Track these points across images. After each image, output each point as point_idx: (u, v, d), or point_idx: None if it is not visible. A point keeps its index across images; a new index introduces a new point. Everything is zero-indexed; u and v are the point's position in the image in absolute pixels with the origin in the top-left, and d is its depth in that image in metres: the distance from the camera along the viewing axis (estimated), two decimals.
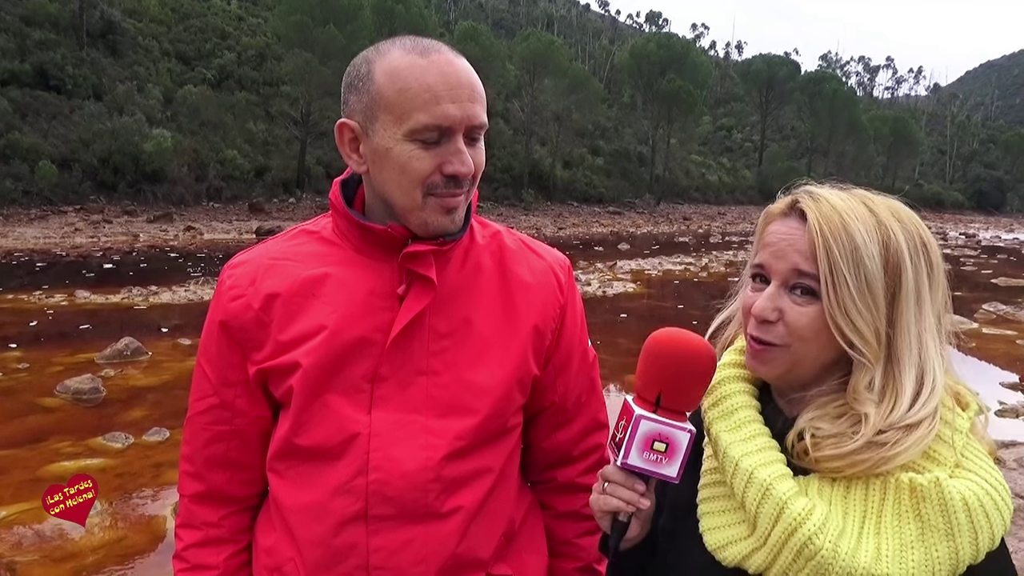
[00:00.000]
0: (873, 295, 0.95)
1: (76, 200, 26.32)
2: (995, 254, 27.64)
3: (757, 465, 0.96)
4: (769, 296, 1.00)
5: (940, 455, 0.93)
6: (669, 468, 1.01)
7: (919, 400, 0.93)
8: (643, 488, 1.05)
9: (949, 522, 0.88)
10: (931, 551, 0.88)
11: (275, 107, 38.65)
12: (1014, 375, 8.44)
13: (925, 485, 0.89)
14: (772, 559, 0.93)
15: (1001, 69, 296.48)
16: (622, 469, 1.03)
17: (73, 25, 34.81)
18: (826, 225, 0.97)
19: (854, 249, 0.95)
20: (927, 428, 0.92)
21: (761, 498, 0.94)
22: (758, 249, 1.06)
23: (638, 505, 1.04)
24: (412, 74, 1.10)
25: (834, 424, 0.95)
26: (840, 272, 0.95)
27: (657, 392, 1.01)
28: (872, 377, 0.96)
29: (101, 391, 6.64)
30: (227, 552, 1.30)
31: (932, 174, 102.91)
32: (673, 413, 1.01)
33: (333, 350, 1.17)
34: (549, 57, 47.94)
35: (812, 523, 0.90)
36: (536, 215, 39.00)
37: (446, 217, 1.16)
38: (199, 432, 1.28)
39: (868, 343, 0.95)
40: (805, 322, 0.98)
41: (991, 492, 0.90)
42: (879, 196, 1.02)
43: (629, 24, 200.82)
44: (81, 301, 11.07)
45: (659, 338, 1.04)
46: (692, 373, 1.02)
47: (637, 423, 1.00)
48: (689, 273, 18.01)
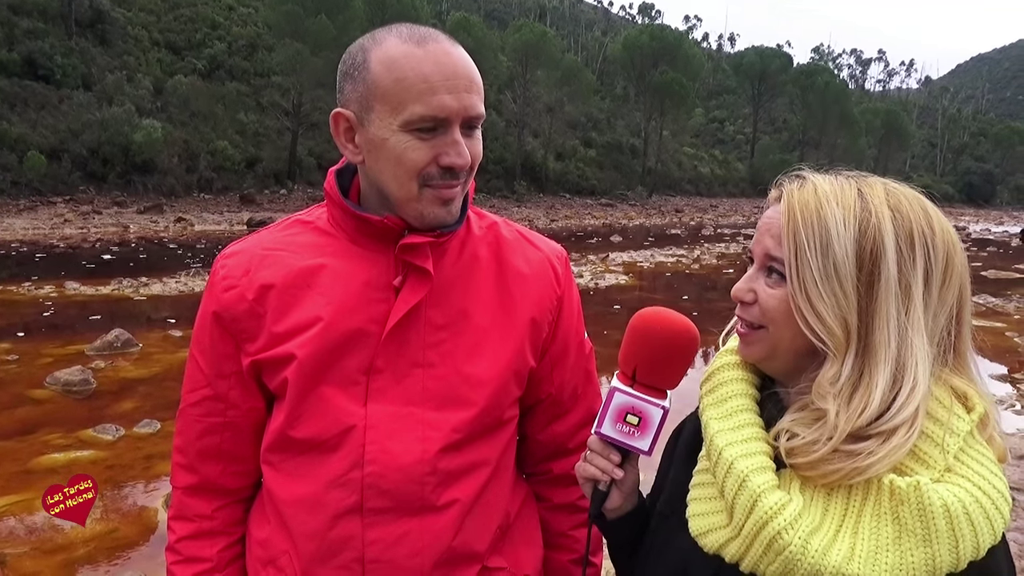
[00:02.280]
0: (840, 282, 0.92)
1: (65, 191, 26.15)
2: (985, 247, 27.77)
3: (739, 455, 0.95)
4: (747, 278, 1.02)
5: (928, 457, 0.89)
6: (640, 441, 1.05)
7: (896, 403, 0.89)
8: (618, 459, 1.08)
9: (927, 527, 0.85)
10: (906, 556, 0.85)
11: (266, 98, 38.43)
12: (1003, 367, 8.50)
13: (904, 488, 0.86)
14: (745, 549, 0.93)
15: (992, 63, 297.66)
16: (601, 439, 1.08)
17: (62, 14, 34.51)
18: (799, 209, 0.95)
19: (823, 233, 0.93)
20: (904, 436, 0.88)
21: (738, 488, 0.93)
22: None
23: (612, 475, 1.08)
24: (408, 63, 1.08)
25: (811, 429, 0.92)
26: (804, 256, 0.93)
27: (634, 367, 1.05)
28: (839, 370, 0.92)
29: (91, 383, 6.60)
30: (220, 544, 1.29)
31: (923, 167, 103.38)
32: (649, 389, 1.05)
33: (328, 342, 1.16)
34: (542, 48, 47.85)
35: (783, 518, 0.88)
36: (528, 207, 38.99)
37: (442, 208, 1.15)
38: (192, 424, 1.27)
39: (832, 332, 0.92)
40: (774, 304, 0.97)
41: (981, 500, 0.86)
42: (894, 185, 0.99)
43: (622, 16, 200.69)
44: (71, 292, 11.01)
45: (641, 315, 1.07)
46: (668, 350, 1.04)
47: (612, 394, 1.05)
48: (681, 265, 18.03)
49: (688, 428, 1.17)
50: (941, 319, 0.94)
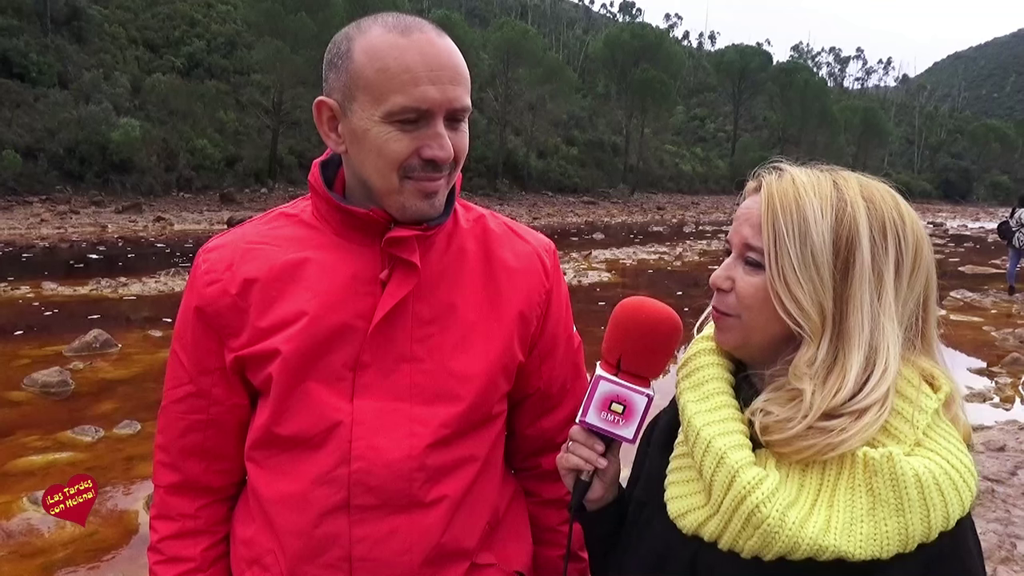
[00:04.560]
0: (818, 268, 0.95)
1: (42, 190, 25.79)
2: (962, 242, 28.15)
3: (716, 434, 0.97)
4: (725, 266, 1.04)
5: (899, 432, 0.92)
6: (625, 429, 1.06)
7: (868, 384, 0.93)
8: (602, 448, 1.09)
9: (900, 497, 0.87)
10: (880, 525, 0.87)
11: (246, 96, 38.14)
12: (981, 361, 8.61)
13: (877, 459, 0.89)
14: (723, 526, 0.94)
15: (968, 61, 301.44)
16: (583, 428, 1.08)
17: (37, 11, 34.03)
18: (778, 198, 0.98)
19: (802, 221, 0.96)
20: (875, 414, 0.91)
21: (716, 466, 0.95)
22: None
23: (596, 464, 1.08)
24: (391, 54, 1.06)
25: (785, 408, 0.95)
26: (783, 244, 0.96)
27: (618, 355, 1.06)
28: (815, 353, 0.95)
29: (70, 384, 6.52)
30: (204, 544, 1.26)
31: (901, 164, 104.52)
32: (633, 377, 1.06)
33: (314, 337, 1.14)
34: (523, 46, 47.83)
35: (761, 492, 0.91)
36: (511, 205, 38.95)
37: (424, 201, 1.13)
38: (174, 421, 1.25)
39: (809, 317, 0.95)
40: (751, 291, 1.00)
41: (949, 472, 0.89)
42: (866, 179, 1.02)
43: (603, 14, 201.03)
44: (48, 293, 10.86)
45: (624, 305, 1.09)
46: (651, 338, 1.06)
47: (596, 383, 1.06)
48: (663, 262, 18.11)
49: (664, 419, 1.18)
50: (910, 305, 0.98)
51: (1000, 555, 3.79)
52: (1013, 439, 5.66)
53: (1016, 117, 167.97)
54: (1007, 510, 4.36)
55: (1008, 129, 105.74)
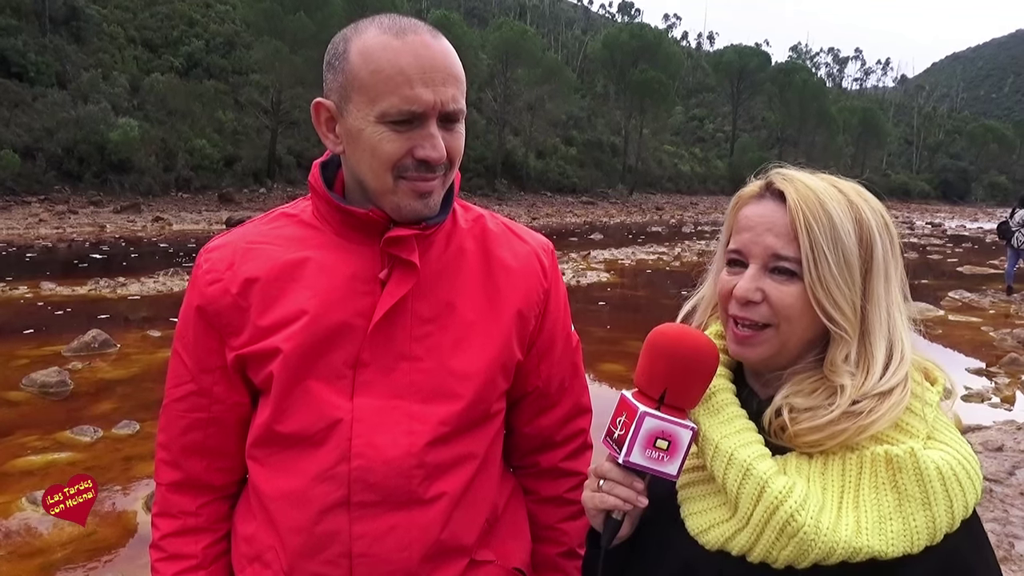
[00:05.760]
0: (850, 270, 0.98)
1: (40, 190, 25.74)
2: (960, 243, 28.18)
3: (737, 446, 0.97)
4: (751, 277, 1.02)
5: (912, 427, 0.95)
6: (670, 466, 1.00)
7: (889, 369, 0.97)
8: (642, 486, 1.03)
9: (925, 491, 0.89)
10: (909, 521, 0.89)
11: (244, 96, 38.06)
12: (979, 361, 8.62)
13: (901, 456, 0.90)
14: (755, 539, 0.94)
15: (966, 61, 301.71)
16: (622, 467, 1.01)
17: (35, 11, 33.97)
18: (804, 204, 0.99)
19: (832, 226, 0.98)
20: (900, 394, 0.95)
21: (742, 478, 0.95)
22: (732, 233, 1.07)
23: (636, 504, 1.02)
24: (385, 55, 1.08)
25: (809, 398, 0.98)
26: (821, 250, 0.98)
27: (662, 389, 1.00)
28: (849, 350, 0.99)
29: (68, 384, 6.52)
30: (205, 541, 1.27)
31: (899, 164, 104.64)
32: (676, 411, 1.00)
33: (314, 335, 1.15)
34: (522, 47, 47.81)
35: (793, 500, 0.91)
36: (510, 205, 38.96)
37: (418, 201, 1.14)
38: (176, 419, 1.26)
39: (847, 318, 0.98)
40: (790, 301, 1.00)
41: (963, 462, 0.92)
42: (842, 179, 1.06)
43: (602, 14, 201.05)
44: (47, 293, 10.85)
45: (667, 334, 1.02)
46: (699, 371, 1.01)
47: (642, 420, 0.98)
48: (662, 262, 18.12)
49: None
50: (903, 295, 1.04)
51: (998, 555, 3.80)
52: (1011, 439, 5.68)
53: (1014, 118, 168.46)
54: (1005, 510, 4.37)
55: (1006, 130, 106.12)
